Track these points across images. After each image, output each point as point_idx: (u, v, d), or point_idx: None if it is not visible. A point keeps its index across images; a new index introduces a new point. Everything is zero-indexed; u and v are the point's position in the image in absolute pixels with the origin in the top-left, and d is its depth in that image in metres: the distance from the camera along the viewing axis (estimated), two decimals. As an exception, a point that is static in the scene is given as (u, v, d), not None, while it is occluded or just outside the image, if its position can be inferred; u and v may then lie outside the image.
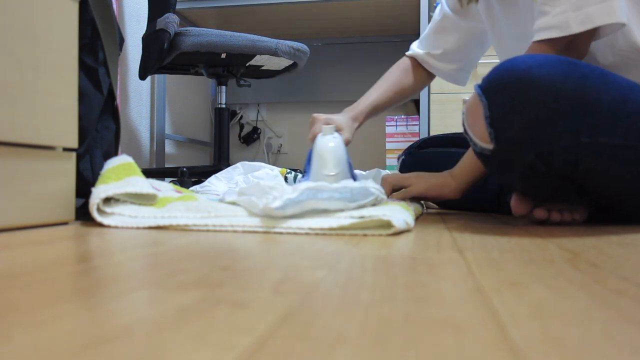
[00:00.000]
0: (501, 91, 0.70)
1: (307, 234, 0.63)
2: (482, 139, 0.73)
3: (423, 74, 1.22)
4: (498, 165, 0.77)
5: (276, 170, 1.27)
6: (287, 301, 0.29)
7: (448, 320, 0.26)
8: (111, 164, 0.78)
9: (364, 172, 1.22)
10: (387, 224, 0.63)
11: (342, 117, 1.07)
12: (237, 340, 0.22)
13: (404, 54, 1.24)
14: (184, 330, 0.24)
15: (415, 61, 1.22)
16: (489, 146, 0.72)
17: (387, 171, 1.24)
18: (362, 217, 0.65)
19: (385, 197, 0.78)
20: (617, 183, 0.76)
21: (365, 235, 0.62)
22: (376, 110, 1.15)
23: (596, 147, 0.70)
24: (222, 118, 1.96)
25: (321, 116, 1.04)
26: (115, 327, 0.24)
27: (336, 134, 1.00)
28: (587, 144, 0.69)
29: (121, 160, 0.79)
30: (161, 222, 0.69)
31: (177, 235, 0.62)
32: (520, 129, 0.69)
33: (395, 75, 1.19)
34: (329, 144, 0.98)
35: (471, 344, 0.22)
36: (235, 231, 0.66)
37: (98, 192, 0.71)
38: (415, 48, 1.22)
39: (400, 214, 0.68)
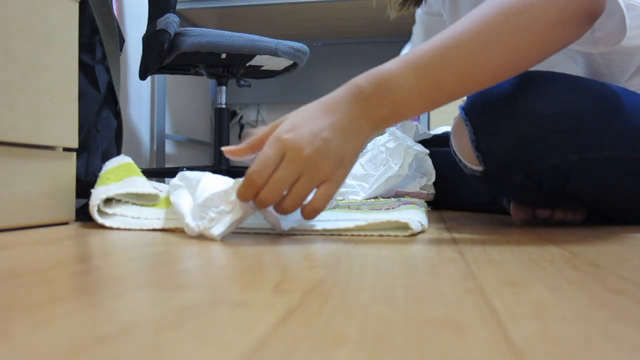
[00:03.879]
0: (485, 114, 0.68)
1: (308, 234, 0.63)
2: (470, 161, 0.72)
3: None
4: (491, 185, 0.77)
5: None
6: (287, 301, 0.29)
7: (448, 320, 0.26)
8: (110, 164, 0.78)
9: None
10: (405, 226, 0.63)
11: None
12: (237, 340, 0.22)
13: None
14: (184, 330, 0.24)
15: None
16: (479, 168, 0.71)
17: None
18: (375, 219, 0.64)
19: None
20: (610, 194, 0.76)
21: (366, 235, 0.62)
22: None
23: (585, 163, 0.68)
24: (222, 118, 1.96)
25: None
26: (116, 327, 0.24)
27: None
28: (576, 161, 0.68)
29: (120, 161, 0.79)
30: (166, 225, 0.67)
31: (176, 234, 0.62)
32: (507, 150, 0.68)
33: None
34: None
35: (471, 344, 0.22)
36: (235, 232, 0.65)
37: (98, 194, 0.70)
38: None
39: (415, 215, 0.68)
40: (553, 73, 0.70)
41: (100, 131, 0.89)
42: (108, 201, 0.73)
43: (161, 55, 1.57)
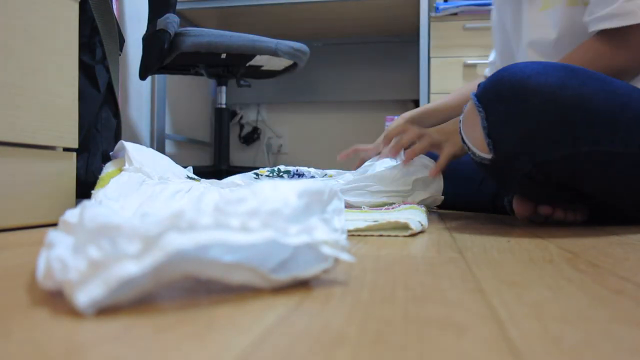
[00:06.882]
0: (498, 101, 0.69)
1: None
2: (480, 148, 0.72)
3: None
4: (498, 174, 0.77)
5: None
6: (287, 301, 0.29)
7: (448, 320, 0.26)
8: (110, 167, 0.78)
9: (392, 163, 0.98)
10: (405, 226, 0.63)
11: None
12: (237, 340, 0.22)
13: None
14: (183, 330, 0.24)
15: None
16: (488, 156, 0.72)
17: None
18: (376, 221, 0.65)
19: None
20: (617, 188, 0.76)
21: (365, 235, 0.62)
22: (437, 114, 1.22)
23: (596, 155, 0.69)
24: (222, 118, 1.96)
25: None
26: (115, 327, 0.24)
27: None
28: (586, 153, 0.69)
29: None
30: None
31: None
32: (518, 139, 0.69)
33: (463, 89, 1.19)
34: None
35: (471, 344, 0.22)
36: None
37: (98, 196, 0.70)
38: (490, 58, 1.17)
39: (415, 216, 0.68)
40: (570, 65, 0.71)
41: (100, 131, 0.89)
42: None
43: (161, 55, 1.57)
